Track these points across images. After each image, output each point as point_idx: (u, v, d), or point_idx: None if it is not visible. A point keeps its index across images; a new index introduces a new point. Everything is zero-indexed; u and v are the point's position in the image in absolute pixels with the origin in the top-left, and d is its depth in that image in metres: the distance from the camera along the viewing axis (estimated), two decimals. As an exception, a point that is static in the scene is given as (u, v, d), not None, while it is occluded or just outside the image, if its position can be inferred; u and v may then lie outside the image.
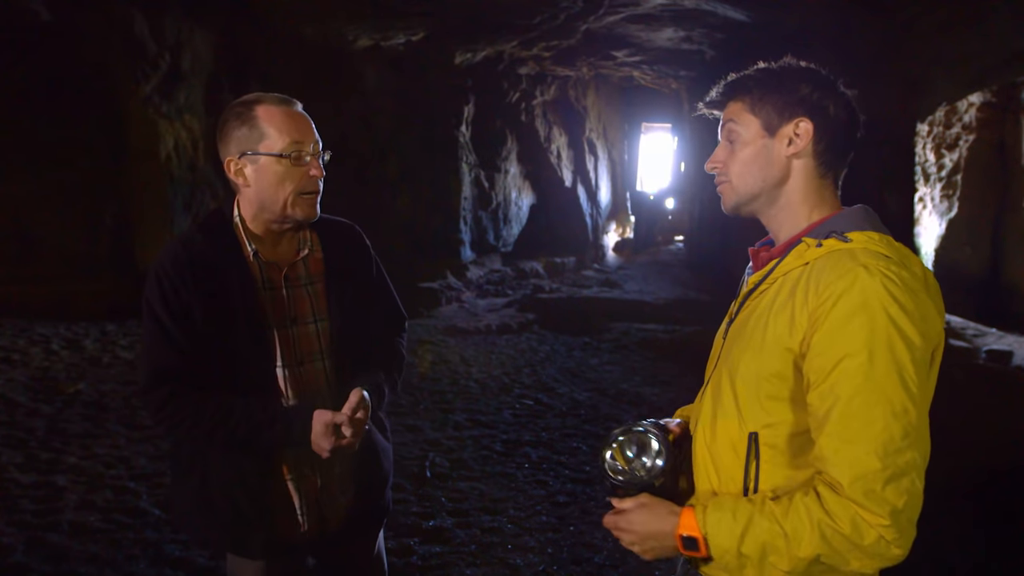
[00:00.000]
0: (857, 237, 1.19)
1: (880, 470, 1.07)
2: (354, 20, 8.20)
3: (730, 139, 1.33)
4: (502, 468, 4.33)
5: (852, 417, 1.10)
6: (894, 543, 1.08)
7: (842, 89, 1.30)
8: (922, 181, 11.10)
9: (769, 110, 1.29)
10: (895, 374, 1.09)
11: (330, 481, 1.78)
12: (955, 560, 3.34)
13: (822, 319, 1.13)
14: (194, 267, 1.61)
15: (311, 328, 1.72)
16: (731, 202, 1.35)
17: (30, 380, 5.58)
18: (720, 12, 7.87)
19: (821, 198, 1.30)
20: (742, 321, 1.31)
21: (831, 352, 1.12)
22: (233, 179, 1.64)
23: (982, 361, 7.29)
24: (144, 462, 4.18)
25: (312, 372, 1.72)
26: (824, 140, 1.27)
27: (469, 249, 11.09)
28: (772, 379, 1.21)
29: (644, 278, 11.76)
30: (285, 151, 1.58)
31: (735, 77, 1.34)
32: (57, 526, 3.42)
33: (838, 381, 1.11)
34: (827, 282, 1.14)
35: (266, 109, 1.59)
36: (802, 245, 1.24)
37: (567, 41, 9.44)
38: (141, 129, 7.78)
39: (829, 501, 1.11)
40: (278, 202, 1.62)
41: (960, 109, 10.57)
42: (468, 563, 3.24)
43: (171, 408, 1.61)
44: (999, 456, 4.30)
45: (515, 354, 7.22)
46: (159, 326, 1.60)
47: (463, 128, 10.83)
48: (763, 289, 1.28)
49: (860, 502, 1.08)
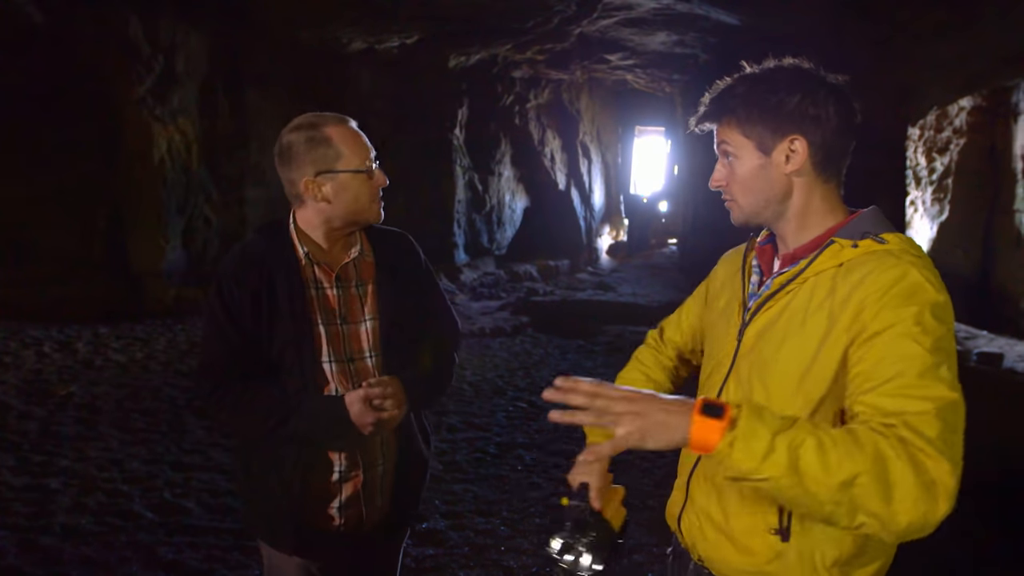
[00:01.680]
0: (892, 239, 1.21)
1: (953, 428, 1.04)
2: (348, 23, 8.21)
3: (727, 158, 1.32)
4: (496, 470, 4.33)
5: (919, 373, 1.07)
6: (944, 496, 0.99)
7: (831, 85, 1.27)
8: (913, 184, 11.17)
9: (760, 130, 1.26)
10: (945, 360, 1.09)
11: (372, 480, 1.82)
12: (952, 560, 3.36)
13: (877, 301, 1.14)
14: (249, 265, 1.74)
15: (361, 327, 1.81)
16: (739, 219, 1.35)
17: (22, 383, 5.56)
18: (713, 16, 7.91)
19: (829, 203, 1.30)
20: (769, 320, 1.29)
21: (892, 328, 1.11)
22: (305, 195, 1.74)
23: (973, 363, 7.33)
24: (137, 465, 4.17)
25: (363, 369, 1.80)
26: (821, 151, 1.26)
27: (463, 252, 11.10)
28: (814, 375, 1.20)
29: (638, 281, 11.79)
30: (362, 167, 1.73)
31: (720, 92, 1.31)
32: (50, 529, 3.40)
33: (900, 346, 1.09)
34: (877, 273, 1.15)
35: (337, 130, 1.72)
36: (835, 246, 1.24)
37: (561, 45, 9.47)
38: (135, 132, 7.77)
39: (891, 435, 1.02)
40: (359, 211, 1.76)
41: (951, 113, 10.64)
42: (461, 565, 3.25)
43: (215, 399, 1.74)
44: (990, 459, 4.32)
45: (509, 357, 7.23)
46: (214, 323, 1.73)
47: (457, 131, 10.84)
48: (791, 289, 1.27)
49: (941, 450, 1.00)
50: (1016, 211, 9.51)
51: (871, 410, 1.07)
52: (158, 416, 4.95)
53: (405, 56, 9.36)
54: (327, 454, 1.77)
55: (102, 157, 7.80)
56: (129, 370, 6.06)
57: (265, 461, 1.77)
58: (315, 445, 1.75)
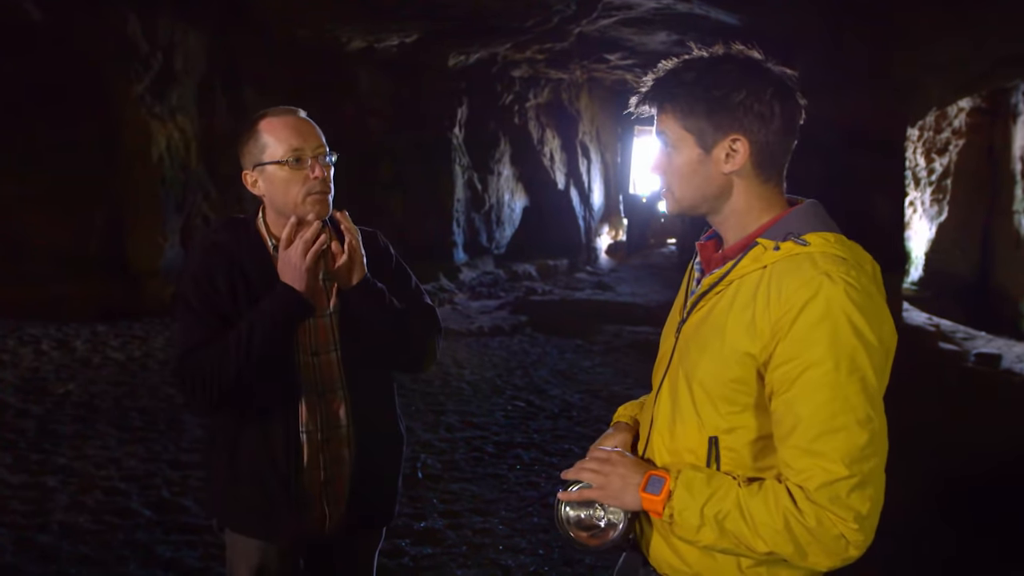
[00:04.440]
0: (814, 240, 1.17)
1: (847, 477, 1.08)
2: (347, 22, 8.20)
3: (665, 147, 1.28)
4: (494, 470, 4.33)
5: (819, 426, 1.10)
6: (854, 545, 1.10)
7: (779, 81, 1.21)
8: (912, 185, 11.17)
9: (702, 125, 1.22)
10: (858, 382, 1.10)
11: (337, 476, 1.79)
12: (938, 559, 3.36)
13: (786, 328, 1.12)
14: (220, 255, 1.74)
15: (326, 321, 1.80)
16: (673, 210, 1.31)
17: (20, 381, 5.55)
18: (713, 16, 7.91)
19: (767, 201, 1.26)
20: (697, 322, 1.28)
21: (796, 361, 1.11)
22: (252, 191, 1.75)
23: (971, 364, 7.34)
24: (134, 463, 4.17)
25: (327, 363, 1.79)
26: (762, 152, 1.22)
27: (462, 251, 11.09)
28: (733, 384, 1.20)
29: (636, 280, 11.79)
30: (284, 157, 1.68)
31: (664, 76, 1.25)
32: (47, 527, 3.40)
33: (803, 390, 1.11)
34: (790, 290, 1.13)
35: (267, 122, 1.70)
36: (758, 248, 1.21)
37: (560, 44, 9.46)
38: (133, 130, 7.76)
39: (797, 497, 1.11)
40: (288, 204, 1.70)
41: (950, 114, 10.64)
42: (459, 564, 3.25)
43: (191, 367, 1.65)
44: (987, 457, 4.33)
45: (507, 356, 7.23)
46: (189, 310, 1.71)
47: (456, 130, 10.83)
48: (719, 290, 1.25)
49: (826, 506, 1.09)
50: (1015, 212, 9.51)
51: (783, 465, 1.15)
52: (156, 414, 4.95)
53: (404, 55, 9.35)
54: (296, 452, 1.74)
55: (100, 155, 7.78)
56: (127, 368, 6.06)
57: (255, 456, 1.75)
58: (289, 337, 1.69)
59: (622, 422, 1.52)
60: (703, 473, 1.20)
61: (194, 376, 1.65)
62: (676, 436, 1.28)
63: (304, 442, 1.75)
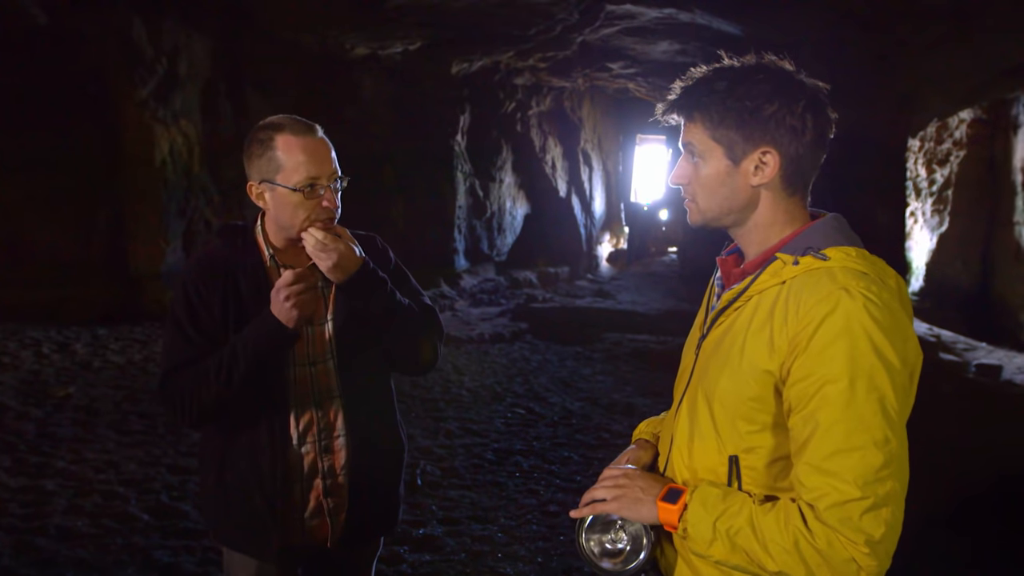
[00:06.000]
0: (834, 254, 1.15)
1: (860, 499, 1.05)
2: (352, 29, 8.23)
3: (692, 157, 1.26)
4: (493, 477, 4.33)
5: (832, 444, 1.07)
6: (865, 570, 1.06)
7: (811, 94, 1.19)
8: (913, 196, 11.19)
9: (732, 136, 1.20)
10: (876, 402, 1.07)
11: (336, 486, 1.77)
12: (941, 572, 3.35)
13: (803, 344, 1.10)
14: (214, 268, 1.71)
15: (323, 328, 1.77)
16: (696, 221, 1.29)
17: (20, 383, 5.56)
18: (715, 26, 7.94)
19: (791, 215, 1.24)
20: (717, 338, 1.27)
21: (813, 378, 1.09)
22: (255, 202, 1.72)
23: (972, 375, 7.33)
24: (134, 467, 4.16)
25: (323, 372, 1.76)
26: (792, 166, 1.20)
27: (463, 258, 11.10)
28: (751, 403, 1.18)
29: (637, 288, 11.79)
30: (299, 185, 1.63)
31: (696, 84, 1.23)
32: (45, 531, 3.40)
33: (819, 407, 1.09)
34: (808, 305, 1.11)
35: (285, 140, 1.63)
36: (777, 263, 1.19)
37: (563, 52, 9.49)
38: (136, 134, 7.78)
39: (808, 516, 1.09)
40: (293, 227, 1.68)
41: (951, 125, 10.67)
42: (458, 572, 3.24)
43: (173, 388, 1.66)
44: (988, 469, 4.32)
45: (507, 363, 7.22)
46: (178, 329, 1.69)
47: (459, 137, 10.86)
48: (738, 306, 1.23)
49: (836, 528, 1.06)
50: (1015, 223, 9.52)
51: (796, 483, 1.13)
52: (156, 418, 4.95)
53: (407, 62, 9.38)
54: (291, 464, 1.72)
55: (103, 159, 7.81)
56: (127, 372, 6.06)
57: (242, 473, 1.72)
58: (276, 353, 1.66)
59: (643, 439, 1.51)
60: (719, 489, 1.19)
61: (174, 397, 1.66)
62: (695, 454, 1.27)
63: (301, 453, 1.73)
